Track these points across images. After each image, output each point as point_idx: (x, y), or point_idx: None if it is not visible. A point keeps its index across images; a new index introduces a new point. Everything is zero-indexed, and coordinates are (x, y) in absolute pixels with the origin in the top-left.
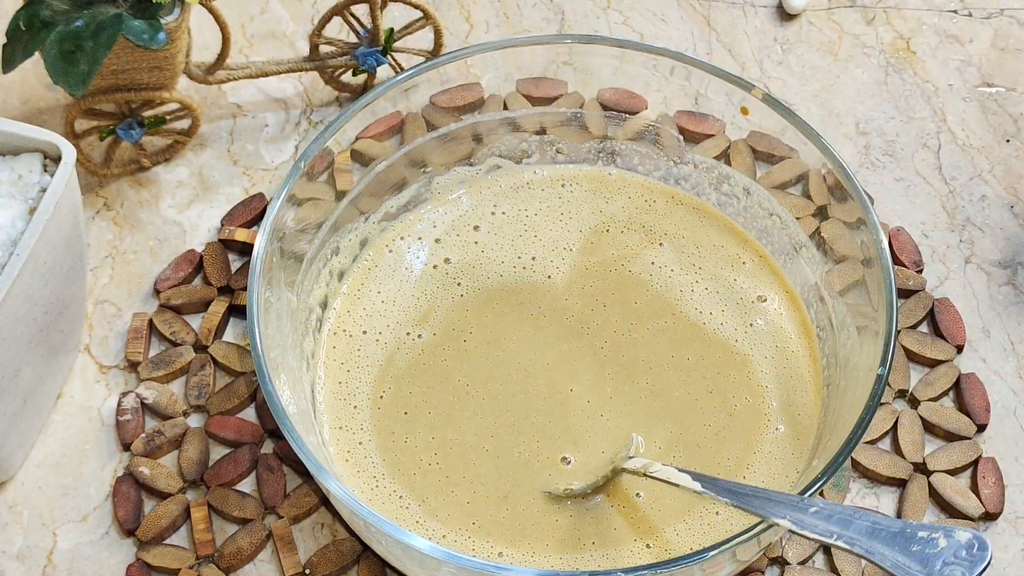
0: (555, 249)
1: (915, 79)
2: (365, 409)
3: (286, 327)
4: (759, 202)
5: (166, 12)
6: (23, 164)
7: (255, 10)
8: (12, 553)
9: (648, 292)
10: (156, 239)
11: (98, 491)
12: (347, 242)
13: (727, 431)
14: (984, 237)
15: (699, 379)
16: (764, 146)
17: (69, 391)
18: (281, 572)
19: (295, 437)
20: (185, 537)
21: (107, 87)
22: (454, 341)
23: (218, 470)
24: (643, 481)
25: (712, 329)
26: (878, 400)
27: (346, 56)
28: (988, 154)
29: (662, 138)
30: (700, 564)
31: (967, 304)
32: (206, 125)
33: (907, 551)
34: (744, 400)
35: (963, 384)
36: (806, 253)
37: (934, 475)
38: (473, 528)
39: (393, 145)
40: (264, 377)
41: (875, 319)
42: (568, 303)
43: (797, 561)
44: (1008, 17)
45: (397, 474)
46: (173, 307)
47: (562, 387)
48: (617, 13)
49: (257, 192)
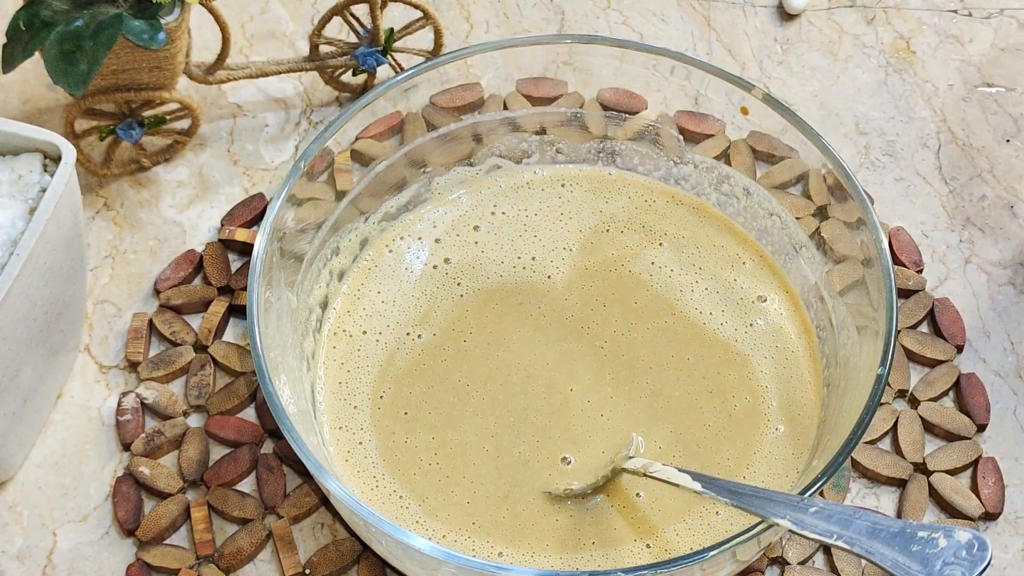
0: (555, 249)
1: (915, 79)
2: (365, 409)
3: (286, 327)
4: (759, 202)
5: (166, 12)
6: (23, 164)
7: (255, 10)
8: (12, 553)
9: (648, 292)
10: (156, 239)
11: (98, 491)
12: (347, 242)
13: (727, 431)
14: (984, 237)
15: (699, 379)
16: (764, 146)
17: (69, 391)
18: (281, 572)
19: (295, 437)
20: (185, 537)
21: (107, 87)
22: (454, 341)
23: (218, 470)
24: (643, 481)
25: (712, 329)
26: (878, 400)
27: (346, 56)
28: (988, 154)
29: (662, 138)
30: (700, 564)
31: (967, 304)
32: (206, 125)
33: (907, 551)
34: (744, 400)
35: (963, 384)
36: (806, 253)
37: (934, 475)
38: (473, 528)
39: (393, 145)
40: (264, 377)
41: (875, 319)
42: (568, 303)
43: (797, 561)
44: (1008, 17)
45: (397, 474)
46: (173, 307)
47: (562, 387)
48: (617, 13)
49: (257, 192)
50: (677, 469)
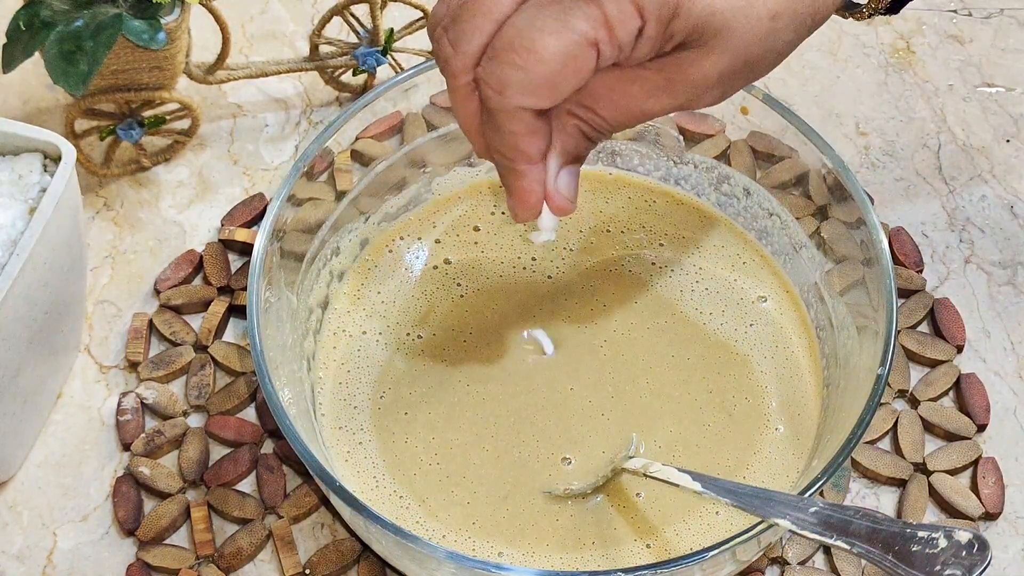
0: (555, 249)
1: (915, 79)
2: (365, 409)
3: (286, 327)
4: (759, 202)
5: (166, 12)
6: (23, 164)
7: (255, 10)
8: (12, 553)
9: (648, 292)
10: (156, 239)
11: (98, 491)
12: (347, 242)
13: (727, 431)
14: (984, 237)
15: (699, 379)
16: (764, 146)
17: (69, 391)
18: (281, 572)
19: (295, 437)
20: (185, 537)
21: (107, 87)
22: (454, 341)
23: (218, 470)
24: (643, 481)
25: (712, 329)
26: (878, 400)
27: (346, 56)
28: (988, 154)
29: (662, 138)
30: (700, 564)
31: (967, 304)
32: (206, 125)
33: (907, 551)
34: (744, 400)
35: (963, 384)
36: (806, 253)
37: (934, 475)
38: (473, 528)
39: (393, 145)
40: (264, 377)
41: (875, 319)
42: (568, 303)
43: (797, 561)
44: (1008, 17)
45: (397, 474)
46: (173, 307)
47: (562, 387)
48: None
49: (257, 192)
50: (677, 469)
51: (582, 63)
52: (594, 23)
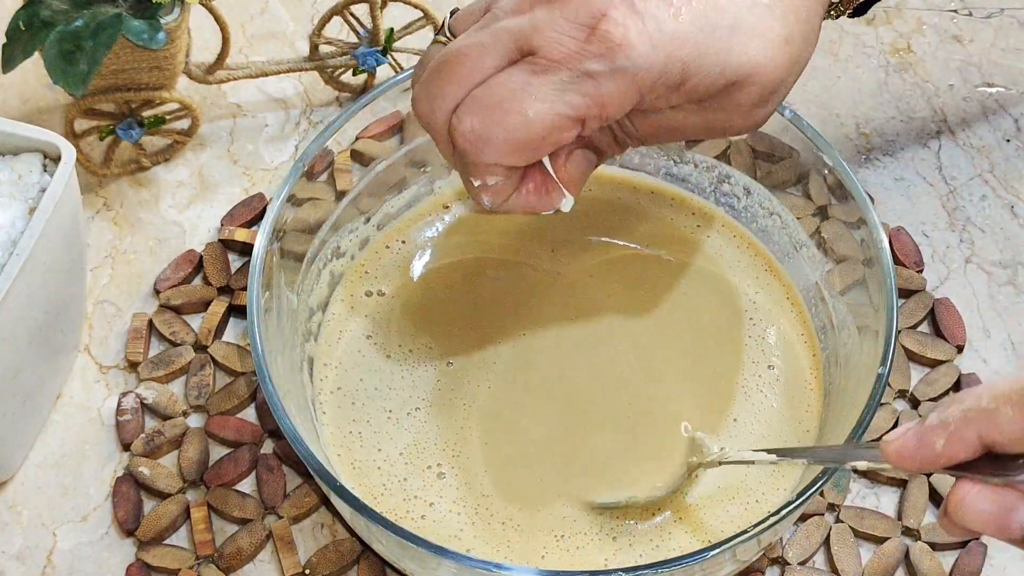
0: (556, 249)
1: (915, 79)
2: (365, 409)
3: (286, 327)
4: (759, 201)
5: (166, 12)
6: (23, 164)
7: (255, 10)
8: (12, 553)
9: (648, 292)
10: (156, 239)
11: (98, 491)
12: (347, 242)
13: (727, 432)
14: (984, 237)
15: (699, 380)
16: (764, 146)
17: (69, 391)
18: (281, 572)
19: (295, 437)
20: (185, 537)
21: (107, 87)
22: (455, 342)
23: (218, 470)
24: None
25: (712, 330)
26: (878, 400)
27: (346, 56)
28: (988, 154)
29: None
30: (700, 564)
31: (967, 304)
32: (206, 125)
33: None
34: (744, 400)
35: (963, 384)
36: (806, 253)
37: (934, 475)
38: (473, 528)
39: (393, 145)
40: (264, 377)
41: (875, 319)
42: (568, 303)
43: (797, 561)
44: (1008, 17)
45: (397, 474)
46: (173, 307)
47: (562, 387)
48: None
49: (257, 192)
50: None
51: (565, 134)
52: (589, 101)
